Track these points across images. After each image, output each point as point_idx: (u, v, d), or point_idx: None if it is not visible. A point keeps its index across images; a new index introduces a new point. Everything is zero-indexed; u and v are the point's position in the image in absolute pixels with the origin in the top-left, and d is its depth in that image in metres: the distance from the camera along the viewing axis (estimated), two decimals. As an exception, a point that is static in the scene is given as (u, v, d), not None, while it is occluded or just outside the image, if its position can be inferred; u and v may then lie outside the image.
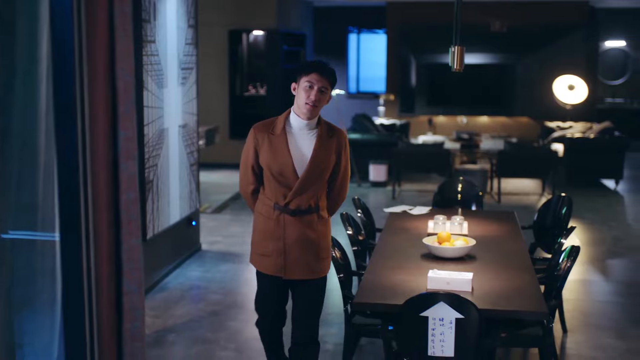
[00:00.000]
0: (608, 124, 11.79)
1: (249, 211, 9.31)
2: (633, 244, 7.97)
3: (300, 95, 3.73)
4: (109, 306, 2.34)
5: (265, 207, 3.86)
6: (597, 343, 5.29)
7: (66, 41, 2.06)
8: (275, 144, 3.75)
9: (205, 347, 5.14)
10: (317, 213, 3.86)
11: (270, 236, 3.84)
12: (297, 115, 3.78)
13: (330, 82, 3.75)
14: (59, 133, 2.11)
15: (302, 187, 3.77)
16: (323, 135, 3.81)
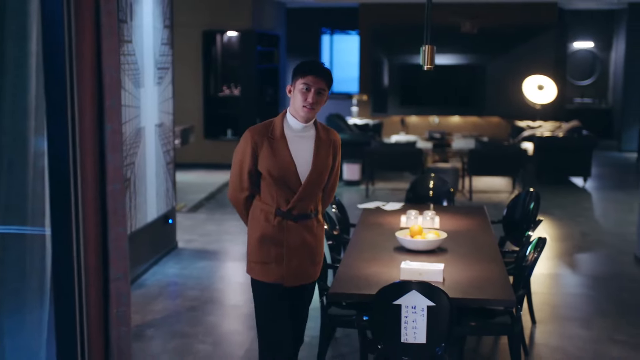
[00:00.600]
0: (576, 123, 12.03)
1: (224, 210, 9.43)
2: (600, 239, 8.18)
3: (297, 97, 3.62)
4: (96, 292, 2.45)
5: (264, 214, 3.69)
6: (564, 333, 5.47)
7: (57, 39, 2.16)
8: (276, 148, 3.63)
9: (183, 341, 5.25)
10: (317, 217, 3.78)
11: (270, 242, 3.68)
12: (294, 118, 3.68)
13: (327, 83, 3.64)
14: (50, 126, 2.22)
15: (306, 192, 3.66)
16: (320, 137, 3.73)
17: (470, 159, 10.51)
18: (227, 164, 12.12)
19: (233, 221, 8.85)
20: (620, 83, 15.51)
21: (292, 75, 3.71)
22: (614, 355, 5.04)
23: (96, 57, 2.32)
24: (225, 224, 8.73)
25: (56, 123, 2.23)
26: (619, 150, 15.23)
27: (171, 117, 7.27)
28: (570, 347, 5.20)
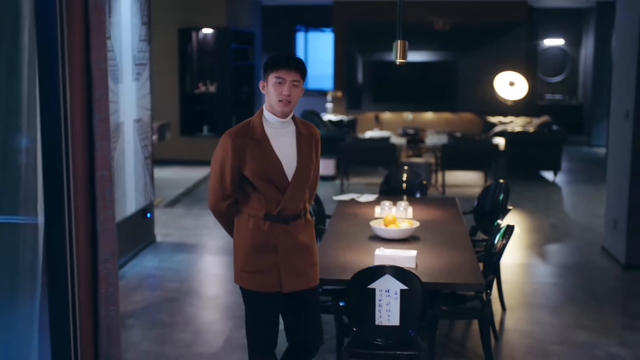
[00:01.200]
0: (547, 118, 12.27)
1: (201, 205, 9.54)
2: (568, 231, 8.40)
3: (271, 92, 3.47)
4: (86, 273, 2.57)
5: (252, 220, 3.53)
6: (533, 319, 5.66)
7: (50, 34, 2.29)
8: (260, 148, 3.46)
9: (164, 330, 5.37)
10: (305, 217, 3.64)
11: (262, 250, 3.51)
12: (272, 115, 3.52)
13: (301, 74, 3.50)
14: (43, 116, 2.34)
15: (294, 190, 3.52)
16: (301, 132, 3.59)
17: (443, 153, 10.71)
18: (203, 160, 12.34)
19: (210, 216, 8.94)
20: (590, 80, 15.80)
21: (263, 70, 3.55)
22: (580, 340, 5.23)
23: (85, 51, 2.45)
24: (203, 218, 8.84)
25: (49, 113, 2.35)
26: (589, 145, 15.52)
27: (149, 113, 7.38)
28: (538, 332, 5.39)
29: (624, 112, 6.88)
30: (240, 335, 5.24)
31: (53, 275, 2.46)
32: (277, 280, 3.53)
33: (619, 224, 6.99)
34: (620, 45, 7.15)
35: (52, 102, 2.32)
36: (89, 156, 2.54)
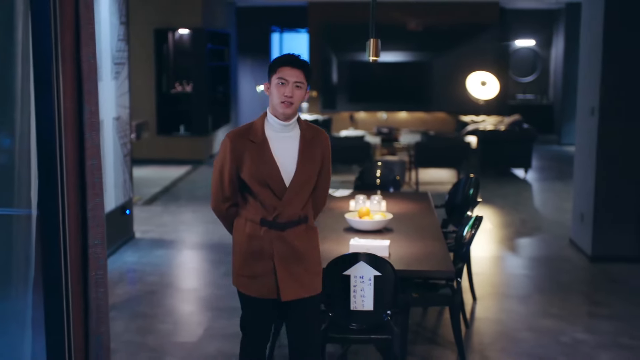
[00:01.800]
0: (517, 117, 12.53)
1: (179, 203, 9.67)
2: (538, 225, 8.65)
3: (274, 94, 3.39)
4: (77, 257, 2.73)
5: (249, 225, 3.48)
6: (503, 308, 5.87)
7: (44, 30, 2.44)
8: (258, 151, 3.41)
9: (145, 322, 5.51)
10: (306, 223, 3.54)
11: (257, 256, 3.47)
12: (274, 117, 3.44)
13: (305, 75, 3.41)
14: (38, 108, 2.49)
15: (291, 196, 3.44)
16: (305, 136, 3.49)
17: (416, 151, 10.92)
18: (179, 159, 12.46)
19: (188, 213, 9.11)
20: (560, 80, 16.10)
21: (268, 72, 3.47)
22: (547, 326, 5.44)
23: (75, 46, 2.61)
24: (181, 215, 8.98)
25: (44, 106, 2.50)
26: (559, 144, 15.82)
27: (127, 111, 7.51)
28: (508, 320, 5.60)
29: (590, 109, 7.12)
30: (219, 326, 5.40)
31: (48, 259, 2.60)
32: (274, 288, 3.47)
33: (585, 217, 7.23)
34: (585, 46, 7.39)
35: (47, 96, 2.47)
36: (79, 146, 2.68)
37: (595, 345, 5.10)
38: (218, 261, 7.07)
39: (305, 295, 3.52)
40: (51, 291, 2.62)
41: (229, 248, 7.37)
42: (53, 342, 2.65)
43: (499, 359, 4.89)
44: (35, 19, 2.39)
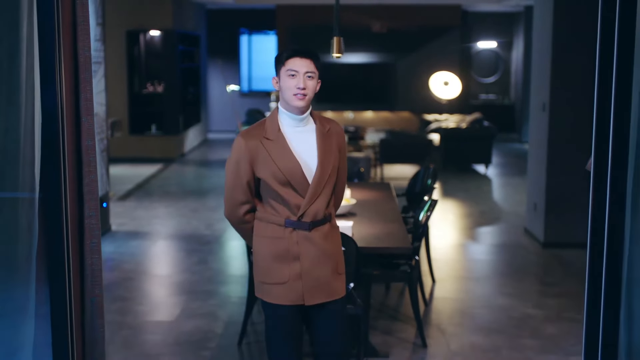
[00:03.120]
0: (478, 115, 13.02)
1: (152, 199, 10.00)
2: (496, 216, 9.12)
3: (284, 87, 3.25)
4: (75, 227, 3.09)
5: (271, 227, 3.29)
6: (460, 289, 6.30)
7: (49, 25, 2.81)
8: (276, 149, 3.24)
9: (124, 304, 5.86)
10: (330, 222, 3.37)
11: (283, 260, 3.27)
12: (288, 112, 3.29)
13: (316, 65, 3.27)
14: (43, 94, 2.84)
15: (315, 193, 3.25)
16: (321, 130, 3.33)
17: (381, 148, 11.35)
18: (151, 157, 12.77)
19: (161, 208, 9.44)
20: (521, 80, 16.63)
21: (275, 65, 3.34)
22: (500, 304, 5.89)
23: (73, 41, 2.98)
24: (154, 210, 9.31)
25: (48, 93, 2.84)
26: (520, 142, 16.35)
27: (104, 108, 7.83)
28: (464, 299, 6.04)
29: (541, 105, 7.59)
30: (195, 307, 5.76)
31: (51, 230, 2.95)
32: (301, 292, 3.28)
33: (538, 206, 7.70)
34: (537, 47, 7.86)
35: (51, 85, 2.82)
36: (76, 128, 3.05)
37: (543, 319, 5.55)
38: (192, 250, 7.42)
39: (327, 299, 3.33)
40: (55, 259, 2.96)
41: (203, 239, 7.78)
42: (56, 304, 2.99)
43: (455, 332, 5.31)
44: (40, 18, 2.76)
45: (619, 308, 2.97)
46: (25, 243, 3.06)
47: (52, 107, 2.87)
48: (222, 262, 7.19)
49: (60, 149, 2.89)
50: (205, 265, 6.91)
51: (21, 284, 3.07)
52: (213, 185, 11.05)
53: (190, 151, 14.48)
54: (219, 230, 8.23)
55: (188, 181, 11.69)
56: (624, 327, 3.01)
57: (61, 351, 2.99)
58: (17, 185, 3.04)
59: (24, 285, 3.05)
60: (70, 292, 3.01)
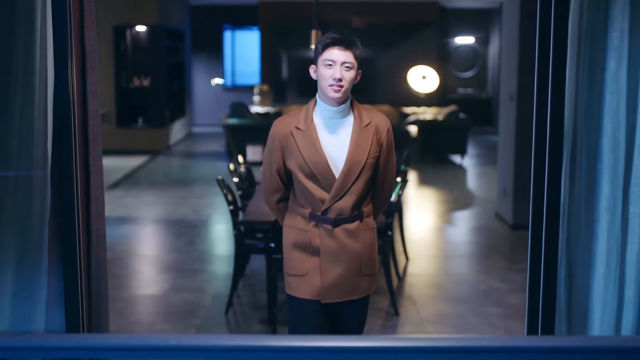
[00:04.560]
0: (454, 107, 13.49)
1: (140, 187, 10.40)
2: (469, 202, 9.60)
3: (322, 77, 3.14)
4: (83, 196, 3.50)
5: (298, 219, 3.23)
6: (432, 266, 6.76)
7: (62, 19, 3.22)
8: (305, 139, 3.15)
9: (117, 280, 6.26)
10: (361, 220, 3.22)
11: (304, 252, 3.22)
12: (324, 103, 3.19)
13: (355, 55, 3.20)
14: (57, 78, 3.25)
15: (341, 189, 3.13)
16: (360, 123, 3.20)
17: (361, 139, 11.76)
18: (138, 149, 13.14)
19: (149, 196, 9.84)
20: (497, 75, 17.13)
21: (314, 54, 3.26)
22: (469, 278, 6.35)
23: (80, 31, 3.39)
24: (142, 198, 9.71)
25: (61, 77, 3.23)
26: (496, 134, 16.75)
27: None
28: (435, 275, 6.50)
29: (509, 96, 8.05)
30: (184, 282, 6.18)
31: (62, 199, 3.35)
32: (319, 288, 3.22)
33: (507, 191, 8.16)
34: (506, 42, 8.32)
35: (63, 71, 3.24)
36: (84, 109, 3.46)
37: (507, 291, 6.01)
38: (180, 233, 7.83)
39: (345, 298, 3.25)
40: (66, 224, 3.36)
41: (190, 223, 8.19)
42: (67, 265, 3.39)
43: (425, 302, 5.76)
44: (55, 12, 3.17)
45: (556, 271, 3.41)
46: (38, 211, 3.45)
47: (64, 90, 3.27)
48: (209, 244, 7.61)
49: (71, 126, 3.30)
50: (193, 246, 7.33)
51: (35, 247, 3.47)
52: (199, 175, 11.45)
53: (175, 144, 14.86)
54: (206, 215, 8.65)
55: (174, 171, 12.08)
56: (564, 288, 3.45)
57: (72, 305, 3.41)
58: (31, 161, 3.43)
59: (37, 249, 3.45)
60: (80, 254, 3.42)
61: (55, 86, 3.29)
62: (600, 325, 3.38)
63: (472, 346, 2.02)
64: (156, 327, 5.20)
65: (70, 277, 3.40)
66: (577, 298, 3.46)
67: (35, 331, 3.38)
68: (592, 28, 3.30)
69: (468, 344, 2.03)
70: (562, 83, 3.34)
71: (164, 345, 1.96)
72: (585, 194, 3.36)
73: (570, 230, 3.41)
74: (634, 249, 3.31)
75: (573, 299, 3.46)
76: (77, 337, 2.43)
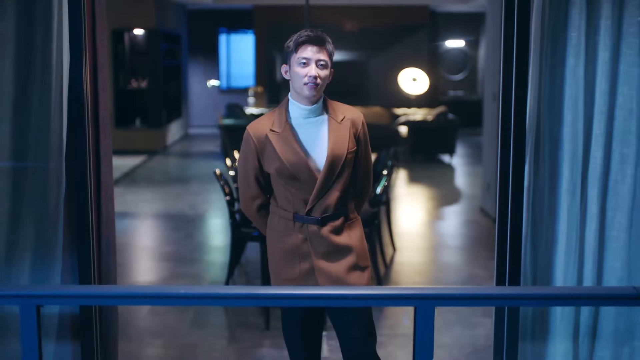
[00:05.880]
0: (443, 108, 13.88)
1: (139, 185, 10.76)
2: (456, 198, 9.99)
3: (295, 76, 3.10)
4: (94, 181, 3.86)
5: (282, 222, 3.16)
6: (417, 255, 7.13)
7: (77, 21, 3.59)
8: (281, 141, 3.10)
9: (119, 269, 6.59)
10: (346, 215, 3.19)
11: (294, 256, 3.15)
12: (297, 103, 3.15)
13: (329, 52, 3.13)
14: (71, 72, 3.62)
15: (324, 187, 3.09)
16: (335, 119, 3.16)
17: (352, 139, 12.14)
18: (136, 150, 13.49)
19: (148, 193, 10.20)
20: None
21: (285, 54, 3.20)
22: (452, 266, 6.73)
23: (92, 32, 3.76)
24: (141, 195, 10.07)
25: (76, 72, 3.60)
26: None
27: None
28: (421, 263, 6.87)
29: (492, 95, 8.44)
30: (182, 271, 6.53)
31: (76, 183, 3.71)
32: (311, 283, 3.17)
33: (490, 186, 8.54)
34: (490, 44, 8.71)
35: (78, 66, 3.59)
36: (95, 102, 3.83)
37: (487, 277, 6.38)
38: (177, 226, 8.19)
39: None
40: (80, 206, 3.71)
41: (188, 217, 8.55)
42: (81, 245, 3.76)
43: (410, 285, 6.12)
44: (71, 13, 3.54)
45: (520, 250, 3.77)
46: (54, 196, 3.79)
47: (78, 85, 3.64)
48: (205, 236, 7.98)
49: (84, 118, 3.67)
50: (191, 238, 7.69)
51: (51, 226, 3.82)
52: (195, 174, 11.82)
53: (172, 144, 15.22)
54: (203, 210, 9.01)
55: (171, 170, 12.45)
56: (529, 266, 3.81)
57: (85, 280, 3.77)
58: (48, 150, 3.77)
59: (54, 229, 3.80)
60: (92, 235, 3.78)
61: (70, 81, 3.65)
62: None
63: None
64: (156, 310, 5.56)
65: (83, 254, 3.75)
66: (541, 274, 3.83)
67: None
68: (553, 28, 3.68)
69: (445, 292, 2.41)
70: (524, 78, 3.70)
71: (175, 293, 2.33)
72: (548, 178, 3.73)
73: (534, 211, 3.78)
74: (592, 228, 3.68)
75: (538, 275, 3.83)
76: (102, 287, 2.78)
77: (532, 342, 3.84)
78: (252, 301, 2.35)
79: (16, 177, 3.62)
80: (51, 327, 3.76)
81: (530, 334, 3.84)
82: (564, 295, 2.42)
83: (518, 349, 3.78)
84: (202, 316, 5.42)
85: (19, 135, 3.59)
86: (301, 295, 2.39)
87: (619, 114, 3.57)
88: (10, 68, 3.52)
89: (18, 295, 2.33)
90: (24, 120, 3.61)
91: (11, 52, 3.50)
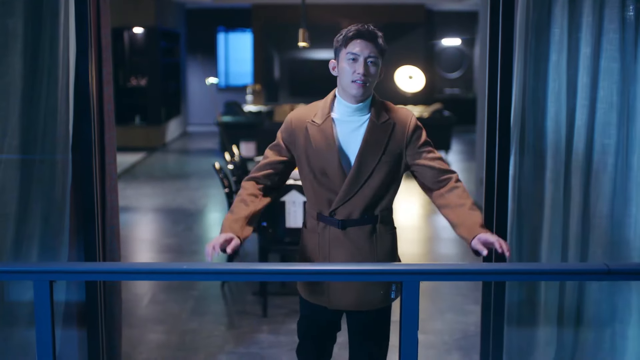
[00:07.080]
0: (439, 105, 14.06)
1: (139, 180, 10.93)
2: (451, 193, 10.18)
3: (343, 72, 2.95)
4: (100, 172, 4.04)
5: (309, 219, 3.08)
6: (412, 246, 7.31)
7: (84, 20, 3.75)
8: (318, 135, 2.96)
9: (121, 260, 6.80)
10: (375, 224, 3.03)
11: (314, 255, 3.05)
12: (343, 100, 3.01)
13: (379, 50, 2.94)
14: (78, 67, 3.79)
15: (349, 191, 2.94)
16: (375, 120, 2.99)
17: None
18: (135, 146, 13.65)
19: (148, 188, 10.37)
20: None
21: (334, 49, 3.05)
22: (445, 255, 6.92)
23: (97, 27, 3.93)
24: (141, 190, 10.24)
25: (82, 67, 3.80)
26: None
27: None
28: (419, 254, 7.05)
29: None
30: (183, 261, 6.71)
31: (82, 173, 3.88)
32: (325, 294, 3.06)
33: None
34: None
35: (84, 61, 3.76)
36: (100, 96, 4.01)
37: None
38: (178, 220, 8.37)
39: (359, 309, 3.07)
40: (86, 194, 3.89)
41: (187, 211, 8.73)
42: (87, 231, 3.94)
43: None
44: (77, 10, 3.72)
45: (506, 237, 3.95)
46: (61, 184, 3.97)
47: (84, 78, 3.81)
48: (205, 229, 8.15)
49: (90, 110, 3.84)
50: (190, 231, 7.87)
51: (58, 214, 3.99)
52: (194, 170, 11.99)
53: (171, 141, 15.39)
54: (202, 204, 9.19)
55: (171, 167, 12.62)
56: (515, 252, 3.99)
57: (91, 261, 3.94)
58: (55, 141, 3.94)
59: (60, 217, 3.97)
60: (97, 223, 3.95)
61: (77, 75, 3.83)
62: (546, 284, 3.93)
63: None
64: (157, 298, 5.74)
65: (89, 240, 3.93)
66: (526, 259, 4.01)
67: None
68: (537, 25, 3.87)
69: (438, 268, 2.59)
70: (509, 73, 3.89)
71: (178, 269, 2.51)
72: (532, 168, 3.91)
73: (520, 200, 3.96)
74: (575, 215, 3.86)
75: (523, 260, 4.01)
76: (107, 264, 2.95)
77: (517, 326, 4.02)
78: (250, 276, 2.53)
79: (25, 168, 3.78)
80: (58, 314, 3.93)
81: (517, 319, 4.02)
82: (539, 270, 2.61)
83: (504, 333, 3.97)
84: (202, 304, 5.61)
85: (28, 128, 3.76)
86: (291, 271, 2.57)
87: (600, 106, 3.74)
88: (19, 63, 3.68)
89: (32, 270, 2.50)
90: (32, 113, 3.78)
91: (20, 47, 3.66)
